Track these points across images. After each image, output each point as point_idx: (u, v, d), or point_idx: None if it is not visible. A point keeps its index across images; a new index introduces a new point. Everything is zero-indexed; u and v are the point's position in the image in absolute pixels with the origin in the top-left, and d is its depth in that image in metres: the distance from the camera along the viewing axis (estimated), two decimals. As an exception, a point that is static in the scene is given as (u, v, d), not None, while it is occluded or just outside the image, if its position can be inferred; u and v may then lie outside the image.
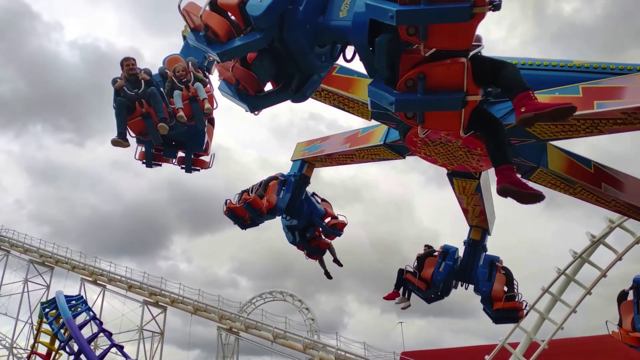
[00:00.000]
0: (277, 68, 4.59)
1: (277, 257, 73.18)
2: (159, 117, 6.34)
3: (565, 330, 22.70)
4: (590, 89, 5.58)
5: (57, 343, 23.06)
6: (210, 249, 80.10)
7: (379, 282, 68.74)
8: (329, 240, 9.81)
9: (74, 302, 23.43)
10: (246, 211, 8.47)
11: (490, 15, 3.63)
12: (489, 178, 8.73)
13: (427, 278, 9.27)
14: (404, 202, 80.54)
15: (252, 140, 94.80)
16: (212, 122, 7.50)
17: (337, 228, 9.51)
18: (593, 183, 7.08)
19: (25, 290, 44.24)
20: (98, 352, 22.37)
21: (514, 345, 22.66)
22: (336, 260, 10.14)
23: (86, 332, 21.90)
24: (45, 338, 24.37)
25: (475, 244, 9.39)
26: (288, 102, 4.99)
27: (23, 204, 77.03)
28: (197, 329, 41.99)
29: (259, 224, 8.91)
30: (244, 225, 8.77)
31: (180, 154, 7.74)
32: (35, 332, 26.12)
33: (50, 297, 28.45)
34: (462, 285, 9.46)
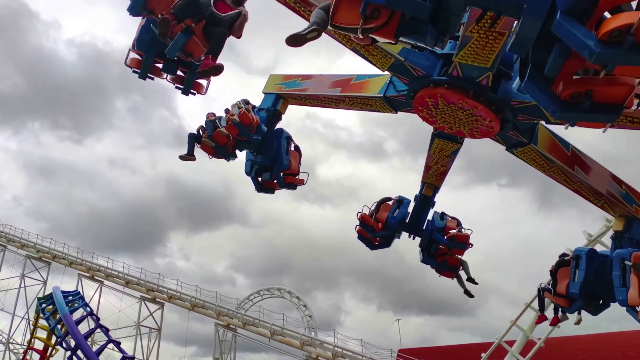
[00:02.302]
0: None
1: (274, 255, 73.38)
2: (207, 137, 8.24)
3: (562, 328, 22.72)
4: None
5: (53, 338, 23.06)
6: (207, 246, 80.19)
7: (375, 279, 68.89)
8: (459, 256, 9.46)
9: (71, 297, 23.43)
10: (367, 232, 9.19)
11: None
12: (582, 152, 8.21)
13: (563, 293, 7.96)
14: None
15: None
16: (298, 149, 8.82)
17: (457, 240, 9.16)
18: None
19: (22, 285, 44.16)
20: (95, 348, 22.34)
21: (511, 343, 22.70)
22: (470, 279, 9.63)
23: (83, 327, 21.89)
24: (42, 333, 24.34)
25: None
26: None
27: (20, 201, 76.96)
28: (195, 325, 42.05)
29: (387, 244, 9.44)
30: (372, 246, 9.42)
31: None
32: (32, 327, 26.09)
33: (47, 293, 28.46)
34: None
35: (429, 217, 9.48)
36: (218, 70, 5.90)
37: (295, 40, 4.68)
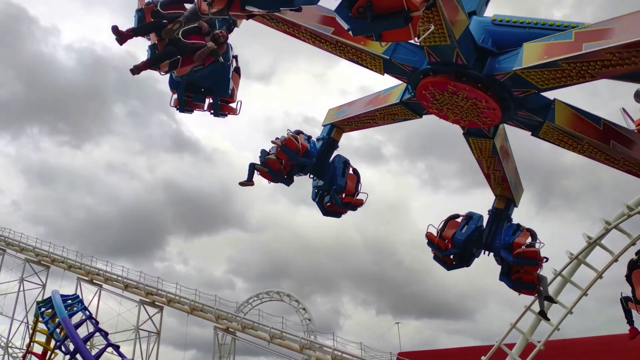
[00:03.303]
0: None
1: (273, 259, 73.35)
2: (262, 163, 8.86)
3: (562, 331, 22.76)
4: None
5: (52, 342, 23.04)
6: (206, 250, 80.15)
7: (374, 283, 68.81)
8: (534, 273, 8.48)
9: (70, 301, 23.44)
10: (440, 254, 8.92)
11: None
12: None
13: None
14: (398, 205, 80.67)
15: (248, 143, 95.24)
16: (356, 172, 9.03)
17: (525, 257, 8.12)
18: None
19: (21, 289, 44.17)
20: (94, 352, 22.34)
21: (510, 346, 22.67)
22: (547, 297, 8.88)
23: (82, 331, 21.89)
24: (41, 337, 24.32)
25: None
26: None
27: (19, 205, 76.73)
28: (194, 329, 41.99)
29: (465, 263, 8.99)
30: (448, 266, 9.06)
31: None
32: (30, 331, 26.10)
33: (46, 297, 28.39)
34: None
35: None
36: (133, 70, 6.46)
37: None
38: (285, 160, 8.65)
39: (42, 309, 23.37)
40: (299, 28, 7.46)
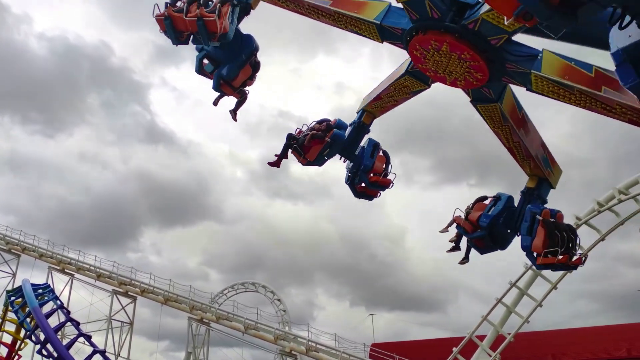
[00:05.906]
0: None
1: (248, 251, 73.26)
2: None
3: (531, 324, 23.32)
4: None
5: (22, 332, 22.72)
6: (180, 242, 79.54)
7: (348, 275, 69.35)
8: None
9: (40, 290, 23.08)
10: None
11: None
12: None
13: None
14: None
15: (222, 135, 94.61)
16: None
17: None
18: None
19: (-10, 278, 43.25)
20: (65, 342, 22.05)
21: (481, 338, 23.14)
22: None
23: (53, 321, 21.63)
24: (10, 327, 23.95)
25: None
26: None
27: (-13, 194, 74.85)
28: (167, 320, 41.74)
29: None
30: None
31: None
32: (0, 320, 25.62)
33: (16, 286, 27.91)
34: None
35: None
36: (275, 166, 8.87)
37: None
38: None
39: (12, 298, 22.99)
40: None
